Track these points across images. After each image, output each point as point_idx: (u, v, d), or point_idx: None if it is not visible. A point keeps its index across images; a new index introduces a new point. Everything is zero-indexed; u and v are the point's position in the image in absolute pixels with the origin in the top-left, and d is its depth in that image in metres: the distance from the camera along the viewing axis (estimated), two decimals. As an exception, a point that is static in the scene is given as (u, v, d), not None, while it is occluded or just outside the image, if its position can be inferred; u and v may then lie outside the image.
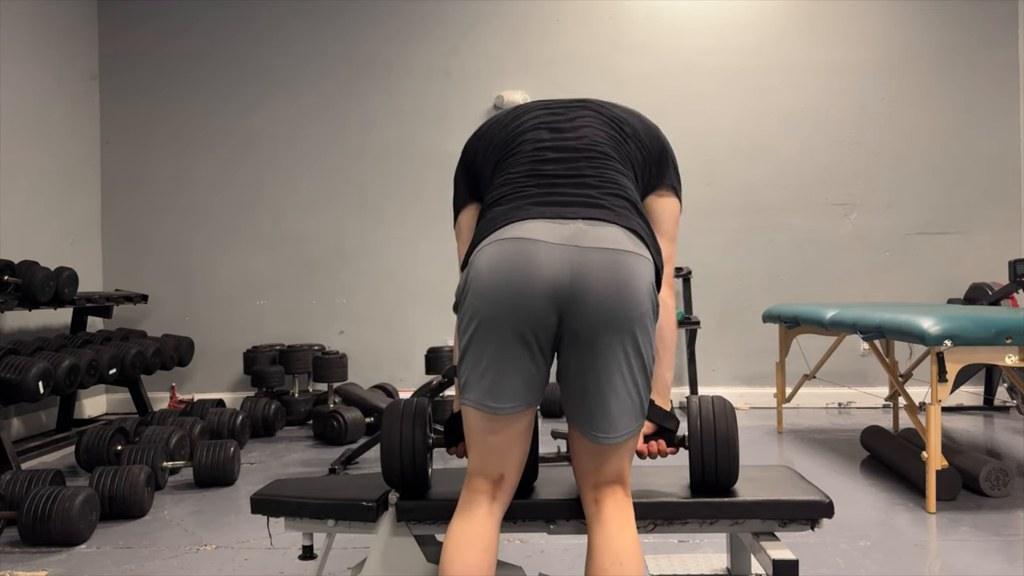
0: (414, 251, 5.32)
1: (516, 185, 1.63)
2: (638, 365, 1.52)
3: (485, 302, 1.49)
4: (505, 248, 1.49)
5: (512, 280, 1.47)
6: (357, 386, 4.34)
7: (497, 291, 1.48)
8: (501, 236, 1.51)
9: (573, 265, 1.46)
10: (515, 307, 1.47)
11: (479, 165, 1.77)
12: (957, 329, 2.82)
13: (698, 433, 1.77)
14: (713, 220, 5.24)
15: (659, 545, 2.56)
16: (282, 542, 2.62)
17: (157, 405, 5.02)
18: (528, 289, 1.46)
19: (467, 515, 1.55)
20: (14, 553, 2.63)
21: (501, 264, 1.48)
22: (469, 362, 1.53)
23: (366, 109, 5.40)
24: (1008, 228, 5.27)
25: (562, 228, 1.50)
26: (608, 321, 1.47)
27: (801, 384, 4.44)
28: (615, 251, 1.48)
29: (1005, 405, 5.00)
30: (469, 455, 1.62)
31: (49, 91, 4.90)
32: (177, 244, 5.42)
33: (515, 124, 1.75)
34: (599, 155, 1.66)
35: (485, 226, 1.59)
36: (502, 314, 1.47)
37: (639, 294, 1.49)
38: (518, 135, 1.72)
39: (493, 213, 1.60)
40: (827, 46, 5.32)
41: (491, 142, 1.77)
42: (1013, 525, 2.78)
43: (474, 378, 1.53)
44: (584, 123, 1.71)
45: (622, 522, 1.56)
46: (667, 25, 5.35)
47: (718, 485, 1.79)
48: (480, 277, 1.50)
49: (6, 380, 3.35)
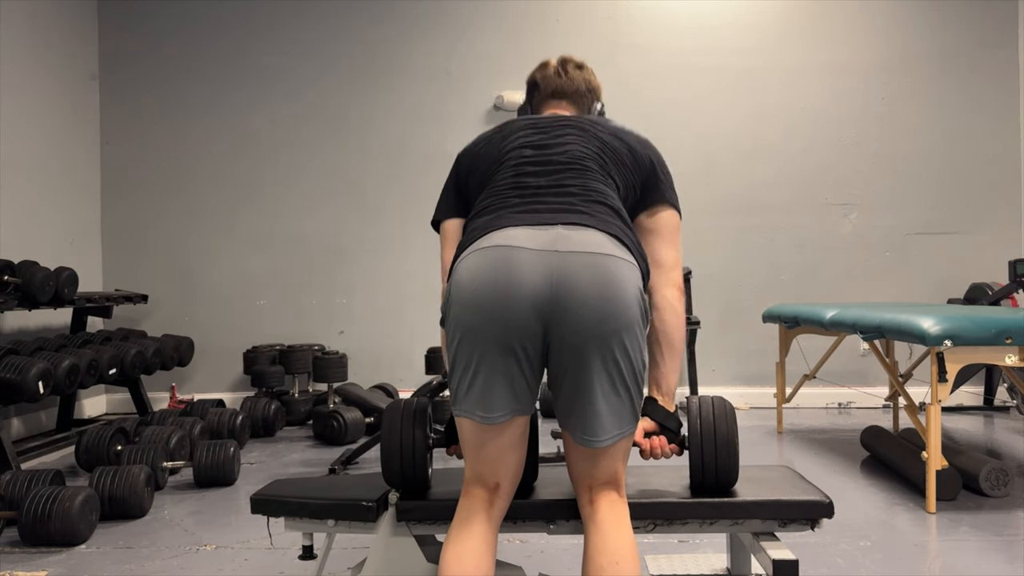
0: (414, 251, 5.31)
1: (499, 197, 1.64)
2: (627, 368, 1.52)
3: (468, 312, 1.49)
4: (486, 256, 1.50)
5: (493, 289, 1.47)
6: (357, 386, 4.34)
7: (479, 300, 1.48)
8: (481, 245, 1.52)
9: (553, 270, 1.46)
10: (497, 317, 1.47)
11: (467, 183, 1.79)
12: (957, 329, 2.82)
13: (698, 434, 1.76)
14: (713, 220, 5.24)
15: (659, 545, 2.56)
16: (282, 542, 2.62)
17: (157, 405, 5.02)
18: (509, 297, 1.46)
19: (465, 527, 1.55)
20: (14, 553, 2.63)
21: (481, 273, 1.49)
22: (458, 372, 1.54)
23: (366, 108, 5.40)
24: (1008, 228, 5.27)
25: (542, 234, 1.50)
26: (594, 326, 1.46)
27: (801, 384, 4.43)
28: (596, 255, 1.48)
29: (1005, 405, 5.00)
30: (465, 464, 1.61)
31: (49, 91, 4.90)
32: (177, 244, 5.42)
33: (503, 144, 1.75)
34: (582, 167, 1.66)
35: (467, 237, 1.60)
36: (485, 324, 1.48)
37: (626, 298, 1.48)
38: (504, 154, 1.73)
39: (475, 224, 1.62)
40: (827, 46, 5.32)
41: (480, 160, 1.77)
42: (1013, 525, 2.78)
43: (463, 389, 1.53)
44: (568, 140, 1.72)
45: (618, 523, 1.56)
46: (666, 25, 5.35)
47: (718, 485, 1.79)
48: (461, 287, 1.51)
49: (6, 380, 3.35)
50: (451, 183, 1.83)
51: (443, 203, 1.83)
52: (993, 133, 5.28)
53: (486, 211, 1.63)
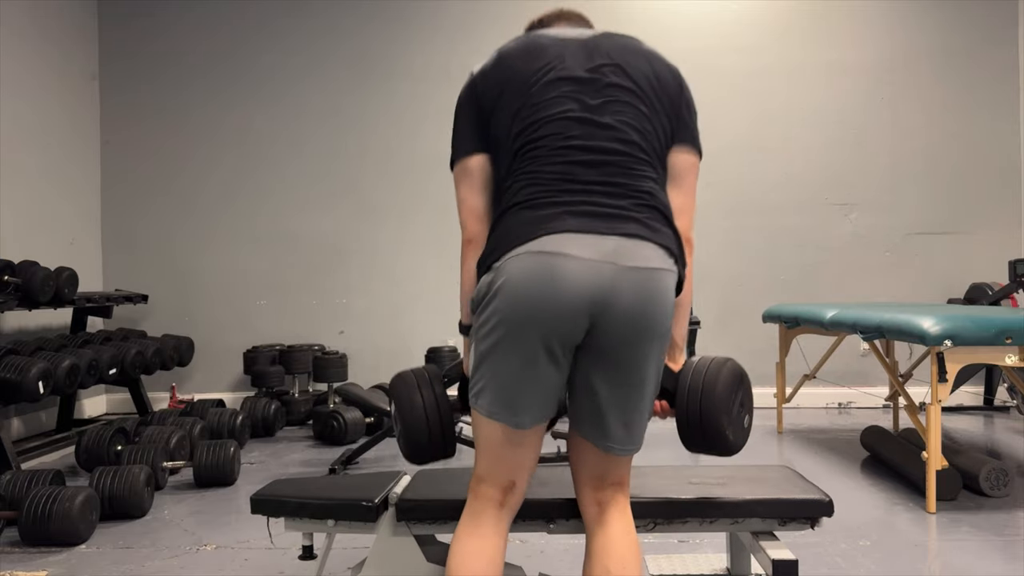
0: (414, 251, 5.32)
1: (546, 187, 1.50)
2: (655, 378, 1.53)
3: (516, 311, 1.43)
4: (541, 262, 1.43)
5: (546, 294, 1.41)
6: (357, 386, 4.34)
7: (531, 302, 1.42)
8: (537, 248, 1.44)
9: (608, 282, 1.43)
10: (547, 320, 1.42)
11: (495, 116, 1.57)
12: (957, 329, 2.82)
13: (685, 387, 1.68)
14: (713, 220, 5.24)
15: (659, 545, 2.56)
16: (282, 542, 2.62)
17: (157, 405, 5.02)
18: (561, 303, 1.42)
19: (473, 528, 1.52)
20: (14, 553, 2.63)
21: (535, 277, 1.42)
22: (489, 370, 1.48)
23: (367, 109, 5.40)
24: (1008, 228, 5.27)
25: (600, 243, 1.45)
26: (634, 337, 1.46)
27: (801, 384, 4.43)
28: (648, 270, 1.46)
29: (1005, 405, 5.00)
30: (478, 461, 1.56)
31: (49, 91, 4.90)
32: (177, 244, 5.42)
33: (536, 87, 1.54)
34: (630, 157, 1.54)
35: (516, 230, 1.48)
36: (532, 326, 1.42)
37: (665, 311, 1.48)
38: (541, 110, 1.52)
39: (523, 217, 1.49)
40: (827, 46, 5.32)
41: (506, 91, 1.56)
42: (1013, 525, 2.78)
43: (492, 388, 1.48)
44: (615, 108, 1.54)
45: (625, 526, 1.56)
46: (666, 25, 5.34)
47: (705, 439, 1.66)
48: (512, 285, 1.43)
49: (6, 380, 3.35)
50: (470, 114, 1.60)
51: (463, 137, 1.60)
52: (993, 133, 5.28)
53: (533, 203, 1.49)
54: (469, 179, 1.59)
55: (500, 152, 1.57)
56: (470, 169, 1.59)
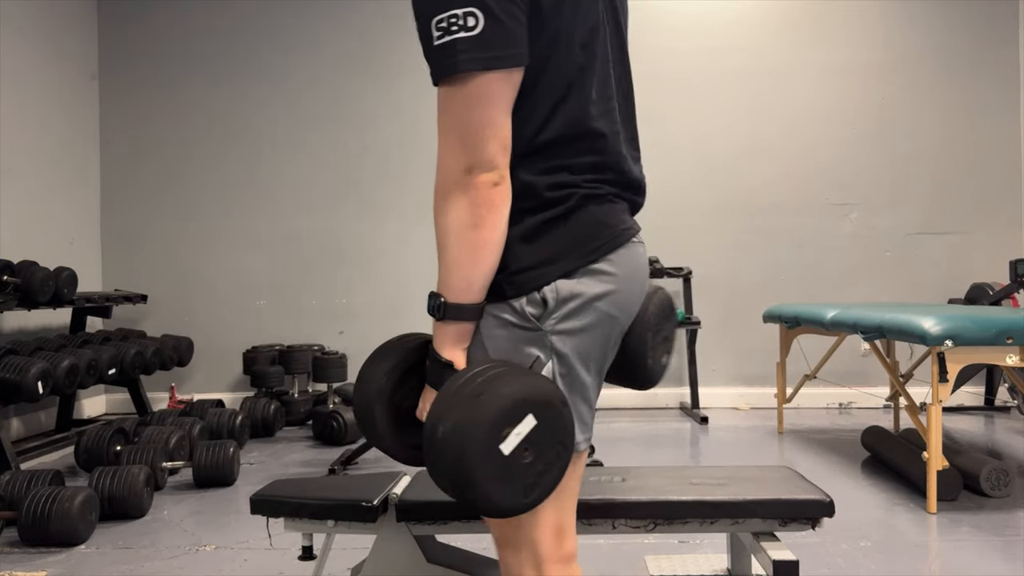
0: (414, 251, 5.31)
1: (605, 155, 1.16)
2: None
3: (618, 318, 1.17)
4: (637, 271, 1.21)
5: (632, 311, 1.22)
6: (357, 386, 4.32)
7: (630, 307, 1.20)
8: (628, 241, 1.18)
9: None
10: (623, 329, 1.21)
11: (558, 13, 1.09)
12: (958, 329, 2.81)
13: None
14: (713, 220, 5.24)
15: (659, 545, 2.55)
16: (282, 542, 2.62)
17: (156, 405, 5.02)
18: (632, 317, 1.23)
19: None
20: (14, 553, 2.63)
21: (634, 289, 1.20)
22: (591, 394, 1.19)
23: (366, 108, 5.40)
24: (1008, 228, 5.26)
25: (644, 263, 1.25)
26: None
27: (802, 384, 4.43)
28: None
29: (1006, 405, 4.99)
30: (541, 522, 1.14)
31: (49, 91, 4.90)
32: (177, 244, 5.42)
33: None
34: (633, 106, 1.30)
35: (617, 208, 1.19)
36: (618, 336, 1.20)
37: None
38: (594, 34, 1.15)
39: (596, 196, 1.15)
40: (827, 46, 5.32)
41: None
42: (1014, 525, 2.78)
43: (590, 412, 1.20)
44: (625, 38, 1.27)
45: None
46: (666, 25, 5.34)
47: (625, 369, 1.32)
48: (624, 282, 1.16)
49: (6, 380, 3.35)
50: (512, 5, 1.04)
51: (507, 36, 1.04)
52: (993, 133, 5.28)
53: (598, 176, 1.16)
54: (507, 99, 1.07)
55: (545, 39, 1.09)
56: (516, 85, 1.08)
